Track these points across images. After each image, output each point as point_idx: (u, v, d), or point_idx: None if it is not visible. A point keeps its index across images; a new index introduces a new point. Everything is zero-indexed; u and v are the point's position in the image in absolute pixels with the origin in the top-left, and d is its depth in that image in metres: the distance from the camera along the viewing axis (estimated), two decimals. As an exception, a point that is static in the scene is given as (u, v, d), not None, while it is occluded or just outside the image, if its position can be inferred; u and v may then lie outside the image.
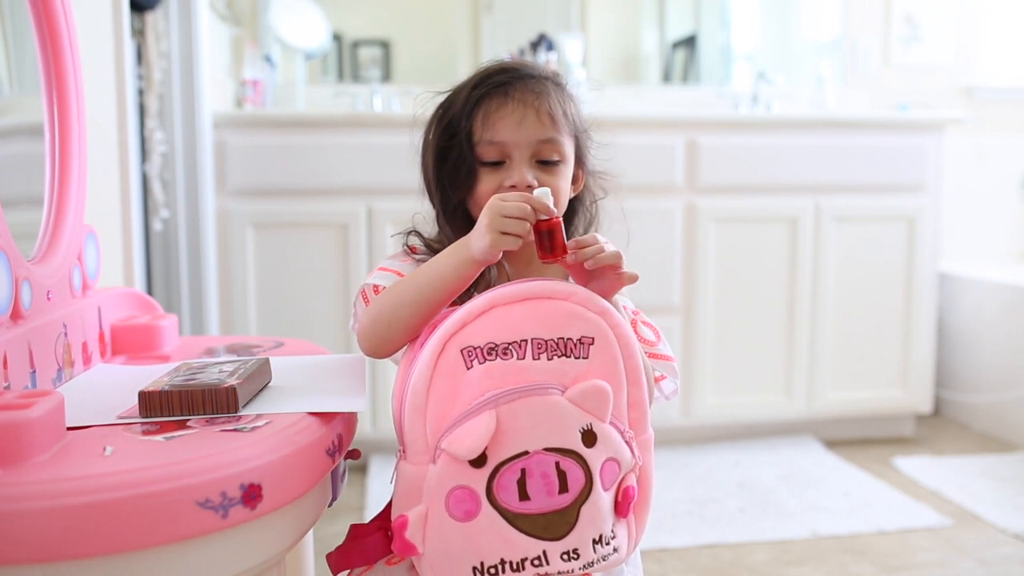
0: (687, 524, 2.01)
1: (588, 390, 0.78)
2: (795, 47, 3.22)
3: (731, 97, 2.97)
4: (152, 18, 1.99)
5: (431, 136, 0.98)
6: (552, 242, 0.83)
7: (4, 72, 1.07)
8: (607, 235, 0.91)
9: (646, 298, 2.33)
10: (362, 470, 2.34)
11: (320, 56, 2.94)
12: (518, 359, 0.78)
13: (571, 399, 0.78)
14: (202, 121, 2.13)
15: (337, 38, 2.96)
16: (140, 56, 1.99)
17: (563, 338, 0.79)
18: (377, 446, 2.38)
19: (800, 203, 2.52)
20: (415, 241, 1.00)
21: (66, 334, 0.93)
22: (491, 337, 0.78)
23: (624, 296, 0.97)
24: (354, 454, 0.90)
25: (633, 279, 0.85)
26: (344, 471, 0.90)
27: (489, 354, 0.77)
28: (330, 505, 0.85)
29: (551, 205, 0.83)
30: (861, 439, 2.65)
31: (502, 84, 0.93)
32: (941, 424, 2.82)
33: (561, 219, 0.85)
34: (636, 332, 0.92)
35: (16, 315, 0.84)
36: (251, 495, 0.67)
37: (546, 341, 0.78)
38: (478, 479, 0.76)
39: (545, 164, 0.93)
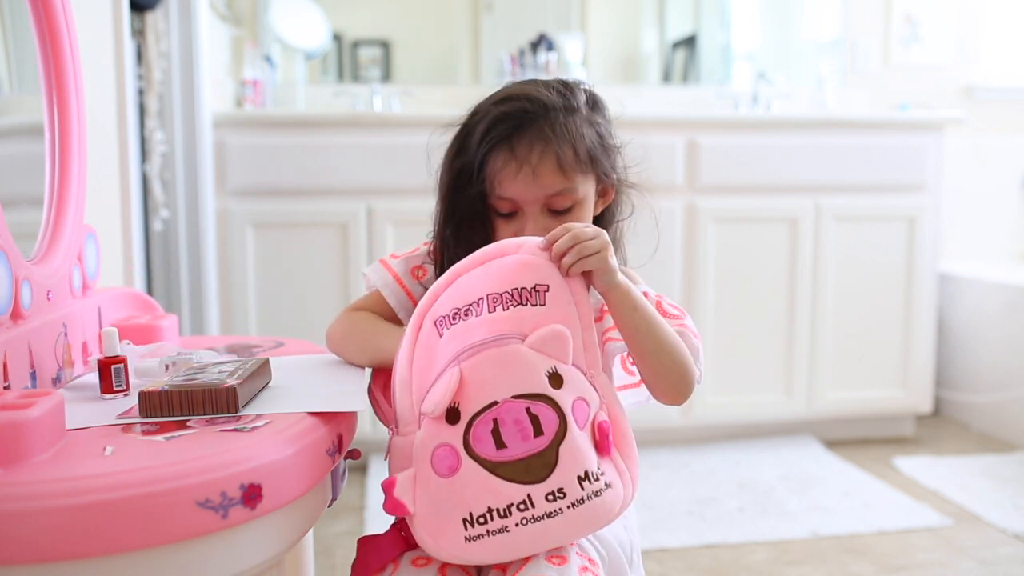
0: (687, 524, 2.01)
1: (547, 335, 0.81)
2: (795, 47, 3.22)
3: (731, 97, 2.97)
4: (152, 18, 1.99)
5: (445, 173, 0.98)
6: None
7: (4, 72, 1.07)
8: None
9: (646, 298, 2.32)
10: (362, 470, 2.34)
11: (320, 56, 2.94)
12: (476, 316, 0.81)
13: (531, 346, 0.81)
14: (202, 121, 2.13)
15: (337, 38, 2.96)
16: (140, 56, 1.99)
17: (517, 288, 0.82)
18: (377, 446, 2.38)
19: (800, 203, 2.51)
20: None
21: (66, 334, 0.93)
22: (454, 303, 0.83)
23: (642, 283, 0.97)
24: (354, 454, 0.90)
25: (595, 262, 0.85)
26: (344, 471, 0.91)
27: (453, 319, 0.82)
28: (330, 505, 0.86)
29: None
30: (861, 439, 2.65)
31: (506, 137, 0.93)
32: (941, 424, 2.82)
33: None
34: (661, 310, 0.92)
35: (16, 315, 0.84)
36: (251, 495, 0.67)
37: (500, 294, 0.82)
38: (455, 435, 0.79)
39: (558, 213, 0.95)
